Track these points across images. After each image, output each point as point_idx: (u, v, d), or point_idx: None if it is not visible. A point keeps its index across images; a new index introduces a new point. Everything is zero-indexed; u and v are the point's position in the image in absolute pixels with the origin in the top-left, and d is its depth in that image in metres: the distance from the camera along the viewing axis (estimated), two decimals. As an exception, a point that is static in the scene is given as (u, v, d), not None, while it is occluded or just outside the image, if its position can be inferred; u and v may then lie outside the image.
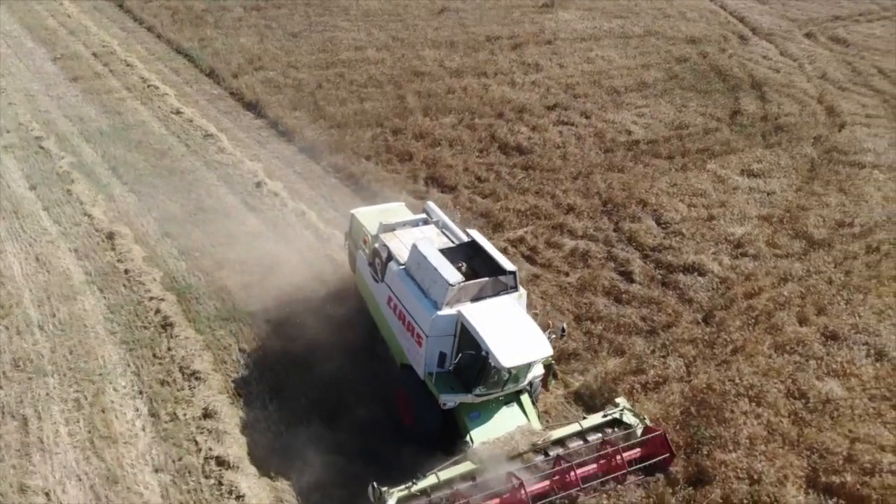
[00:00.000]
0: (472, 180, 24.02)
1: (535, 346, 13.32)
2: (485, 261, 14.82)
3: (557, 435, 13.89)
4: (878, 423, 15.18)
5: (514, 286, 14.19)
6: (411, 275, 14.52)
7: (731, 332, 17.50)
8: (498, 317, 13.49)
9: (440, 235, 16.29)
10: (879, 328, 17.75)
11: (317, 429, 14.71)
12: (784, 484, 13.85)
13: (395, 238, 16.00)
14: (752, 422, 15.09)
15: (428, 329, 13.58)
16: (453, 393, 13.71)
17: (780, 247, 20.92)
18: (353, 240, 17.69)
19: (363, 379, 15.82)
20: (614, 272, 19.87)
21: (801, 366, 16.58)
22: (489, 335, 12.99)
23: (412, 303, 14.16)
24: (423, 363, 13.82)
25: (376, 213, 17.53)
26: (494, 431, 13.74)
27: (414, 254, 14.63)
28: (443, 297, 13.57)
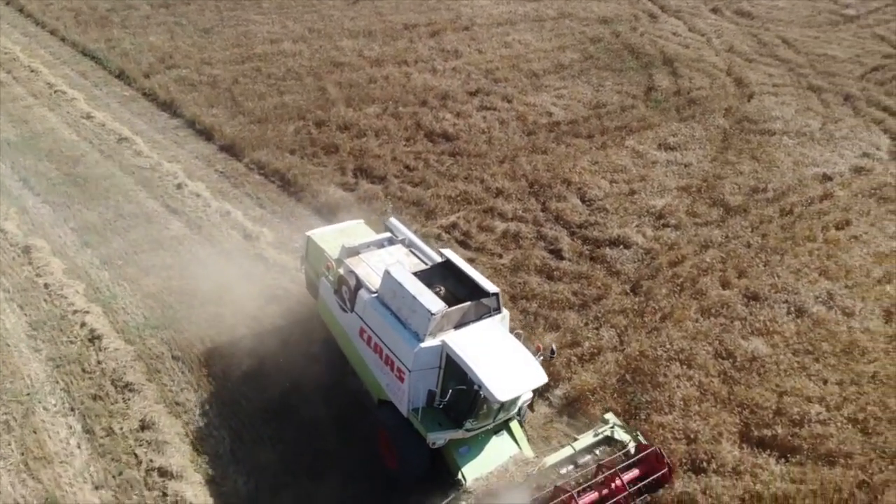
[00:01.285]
0: (401, 169, 24.00)
1: (528, 375, 12.43)
2: (462, 282, 13.79)
3: (552, 461, 13.00)
4: (802, 377, 16.07)
5: (497, 308, 13.34)
6: (385, 303, 13.36)
7: (659, 299, 18.16)
8: (486, 344, 12.61)
9: (409, 256, 15.26)
10: (797, 286, 18.73)
11: (266, 429, 14.54)
12: (719, 441, 14.55)
13: (362, 262, 14.82)
14: (685, 384, 15.77)
15: (411, 364, 12.51)
16: (442, 430, 12.66)
17: (700, 215, 21.76)
18: (312, 264, 16.33)
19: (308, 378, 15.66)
20: (545, 251, 20.27)
21: (727, 327, 17.36)
22: (479, 367, 12.03)
23: (390, 335, 13.06)
24: (407, 399, 12.78)
25: (335, 235, 16.36)
26: (487, 465, 12.85)
27: (387, 281, 13.45)
28: (425, 327, 12.49)
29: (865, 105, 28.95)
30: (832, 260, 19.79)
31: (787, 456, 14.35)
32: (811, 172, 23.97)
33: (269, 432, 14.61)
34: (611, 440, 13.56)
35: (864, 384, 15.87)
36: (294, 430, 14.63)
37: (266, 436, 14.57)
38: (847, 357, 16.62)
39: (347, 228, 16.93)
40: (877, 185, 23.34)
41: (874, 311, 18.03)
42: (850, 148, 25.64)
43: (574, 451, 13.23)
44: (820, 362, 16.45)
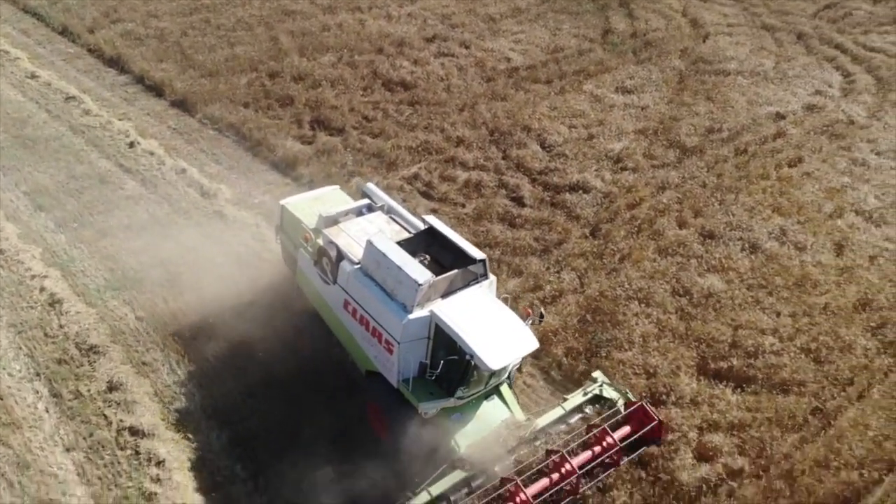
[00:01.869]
0: (360, 120, 23.73)
1: (519, 341, 12.38)
2: (447, 249, 13.54)
3: (543, 423, 12.99)
4: (756, 310, 16.67)
5: (484, 274, 13.16)
6: (370, 275, 13.06)
7: (618, 241, 18.52)
8: (475, 312, 12.45)
9: (390, 223, 14.84)
10: (751, 223, 19.24)
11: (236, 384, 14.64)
12: (677, 374, 15.11)
13: (342, 232, 14.38)
14: (644, 321, 16.26)
15: (399, 336, 12.34)
16: (434, 399, 12.54)
17: (657, 157, 22.05)
18: (288, 235, 15.75)
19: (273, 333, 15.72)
20: (506, 199, 20.40)
21: (684, 265, 17.84)
22: (470, 336, 11.92)
23: (376, 307, 12.81)
24: (397, 371, 12.62)
25: (310, 203, 15.84)
26: (479, 431, 12.76)
27: (370, 251, 13.09)
28: (412, 298, 12.27)
29: (818, 43, 29.31)
30: (785, 197, 20.32)
31: (743, 386, 14.98)
32: (765, 111, 24.35)
33: (239, 388, 14.71)
34: (600, 398, 13.59)
35: (816, 315, 16.53)
36: (265, 385, 14.74)
37: (237, 391, 14.67)
38: (799, 290, 17.24)
39: (323, 195, 16.32)
40: (828, 122, 23.84)
41: (825, 245, 18.66)
42: (803, 86, 26.04)
43: (564, 412, 13.24)
44: (773, 296, 17.05)
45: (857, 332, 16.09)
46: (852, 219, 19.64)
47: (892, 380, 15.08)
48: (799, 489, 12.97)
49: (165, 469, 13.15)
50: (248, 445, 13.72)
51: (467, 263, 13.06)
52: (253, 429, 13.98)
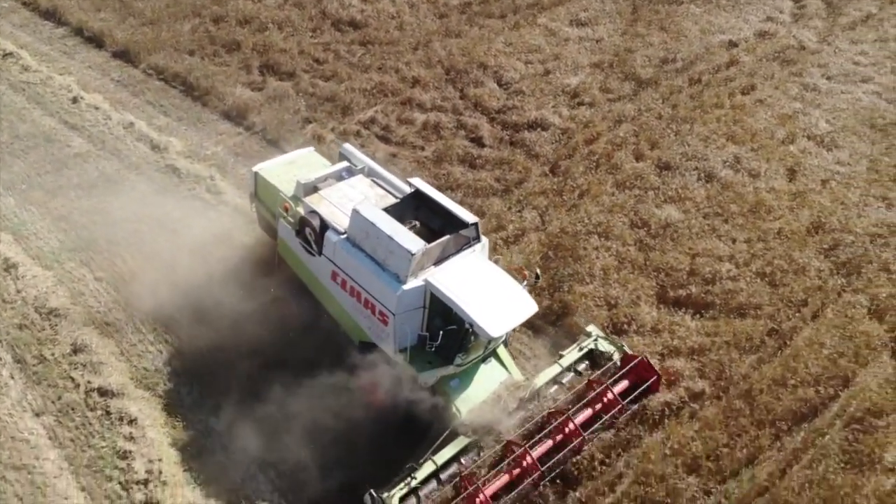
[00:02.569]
0: (311, 63, 23.14)
1: (518, 306, 12.18)
2: (436, 213, 13.23)
3: (541, 382, 12.98)
4: (713, 238, 17.05)
5: (476, 237, 12.90)
6: (358, 245, 12.68)
7: (577, 177, 18.65)
8: (471, 278, 12.20)
9: (373, 187, 14.26)
10: (706, 153, 19.49)
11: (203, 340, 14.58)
12: (638, 304, 15.50)
13: (323, 200, 13.81)
14: (604, 255, 16.55)
15: (394, 307, 12.06)
16: (432, 368, 12.37)
17: (613, 91, 22.03)
18: (264, 203, 15.19)
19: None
20: (466, 140, 20.27)
21: (641, 198, 18.08)
22: (468, 304, 11.69)
23: (368, 278, 12.47)
24: (393, 342, 12.35)
25: (284, 167, 15.20)
26: (479, 395, 12.68)
27: (357, 221, 12.66)
28: (405, 268, 11.95)
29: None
30: (738, 125, 20.57)
31: (702, 312, 15.43)
32: (717, 40, 24.36)
33: (206, 343, 14.64)
34: (595, 352, 13.66)
35: (771, 240, 16.99)
36: (233, 338, 14.63)
37: (204, 346, 14.61)
38: (754, 216, 17.66)
39: (297, 159, 15.66)
40: (780, 49, 23.98)
41: (778, 171, 19.04)
42: (755, 13, 26.01)
43: (561, 369, 13.29)
44: (729, 223, 17.44)
45: (811, 255, 16.60)
46: (804, 144, 20.01)
47: (844, 299, 15.68)
48: (758, 408, 13.56)
49: (138, 427, 13.18)
50: (220, 399, 13.76)
51: (459, 227, 12.75)
52: (224, 382, 13.98)
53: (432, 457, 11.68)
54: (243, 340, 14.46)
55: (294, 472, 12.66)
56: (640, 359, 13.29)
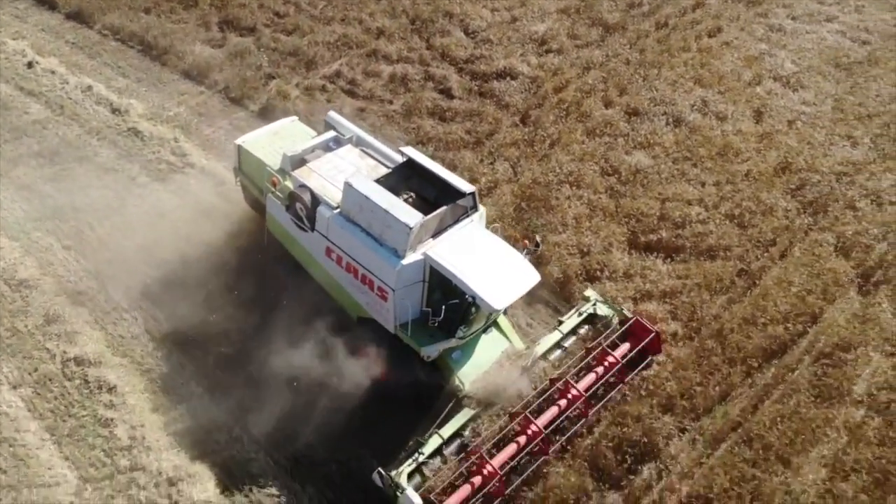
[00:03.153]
0: (271, 17, 22.54)
1: (520, 277, 11.94)
2: (430, 182, 12.83)
3: (543, 349, 12.96)
4: (682, 182, 17.21)
5: (473, 206, 12.57)
6: (353, 220, 12.28)
7: (547, 127, 18.59)
8: (470, 250, 11.95)
9: (363, 157, 13.82)
10: (674, 97, 19.52)
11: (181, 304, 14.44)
12: (610, 251, 15.68)
13: (313, 173, 13.36)
14: (576, 203, 16.65)
15: (393, 282, 11.78)
16: (434, 342, 12.14)
17: (580, 37, 21.83)
18: (249, 177, 14.67)
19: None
20: (434, 91, 20.03)
21: (611, 145, 18.13)
22: (470, 277, 11.46)
23: (365, 253, 12.13)
24: (393, 317, 12.16)
25: (268, 139, 14.67)
26: (481, 365, 12.60)
27: (351, 194, 12.21)
28: (404, 242, 11.63)
29: None
30: (705, 68, 20.57)
31: (672, 256, 15.68)
32: (684, -19, 24.17)
33: (184, 306, 14.51)
34: (595, 317, 13.61)
35: (739, 182, 17.21)
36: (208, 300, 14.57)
37: (181, 310, 14.49)
38: (722, 159, 17.83)
39: (281, 129, 15.12)
40: (745, -11, 23.89)
41: (745, 113, 19.16)
42: (719, -48, 25.80)
43: (562, 335, 13.23)
44: (698, 167, 17.60)
45: (778, 195, 16.87)
46: (770, 85, 20.12)
47: (811, 238, 16.01)
48: (729, 346, 13.92)
49: (118, 394, 13.16)
50: (201, 361, 13.76)
51: (455, 197, 12.37)
52: (203, 344, 13.96)
53: (438, 430, 11.61)
54: (220, 303, 14.40)
55: (277, 432, 12.77)
56: (634, 319, 13.25)
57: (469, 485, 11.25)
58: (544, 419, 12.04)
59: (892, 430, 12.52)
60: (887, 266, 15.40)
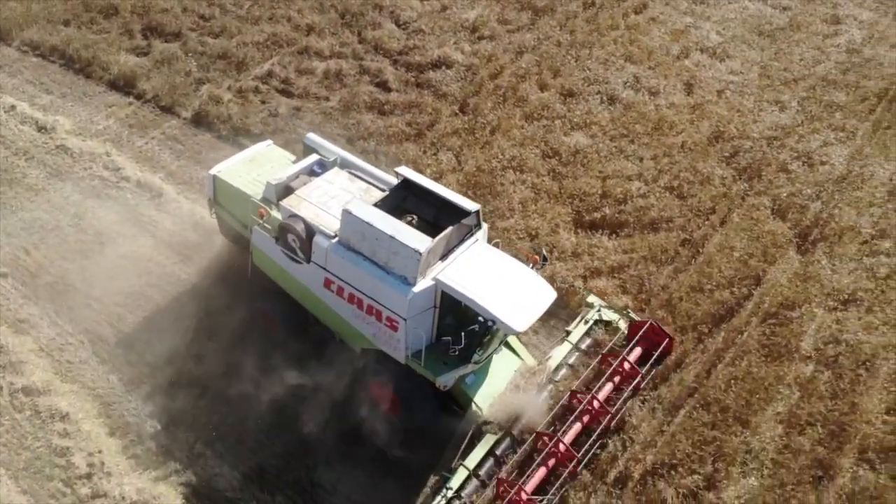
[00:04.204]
0: (196, 21, 21.95)
1: (538, 295, 11.54)
2: (430, 202, 12.33)
3: (555, 363, 12.66)
4: (621, 159, 17.55)
5: (477, 224, 12.13)
6: (354, 248, 11.63)
7: (486, 114, 18.68)
8: (482, 271, 11.49)
9: (353, 180, 13.16)
10: (607, 76, 19.85)
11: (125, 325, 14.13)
12: (557, 232, 15.90)
13: (303, 201, 12.61)
14: (521, 188, 16.82)
15: (405, 312, 11.25)
16: (450, 369, 11.59)
17: (511, 22, 21.95)
18: (228, 209, 13.75)
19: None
20: (371, 85, 19.87)
21: (550, 127, 18.34)
22: (487, 300, 11.00)
23: (370, 283, 11.51)
24: (405, 347, 11.62)
25: (245, 167, 13.72)
26: (496, 387, 12.16)
27: (350, 222, 11.55)
28: (413, 269, 11.07)
29: None
30: (634, 45, 20.97)
31: (617, 232, 16.00)
32: (607, -41, 24.50)
33: (129, 326, 14.20)
34: (601, 322, 13.38)
35: (675, 154, 17.65)
36: (156, 316, 14.32)
37: (127, 330, 14.18)
38: (657, 133, 18.24)
39: (257, 155, 14.14)
40: (666, -37, 24.35)
41: (676, 87, 19.63)
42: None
43: (572, 346, 12.99)
44: (634, 143, 17.97)
45: (714, 164, 17.38)
46: (698, 57, 20.64)
47: (749, 202, 16.56)
48: (679, 315, 14.32)
49: (71, 422, 12.74)
50: (153, 381, 13.45)
51: (458, 216, 11.88)
52: (154, 364, 13.65)
53: (462, 462, 11.19)
54: (166, 318, 14.15)
55: (239, 444, 12.63)
56: (650, 323, 13.07)
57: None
58: (570, 437, 11.69)
59: (842, 382, 13.12)
60: (822, 224, 16.08)
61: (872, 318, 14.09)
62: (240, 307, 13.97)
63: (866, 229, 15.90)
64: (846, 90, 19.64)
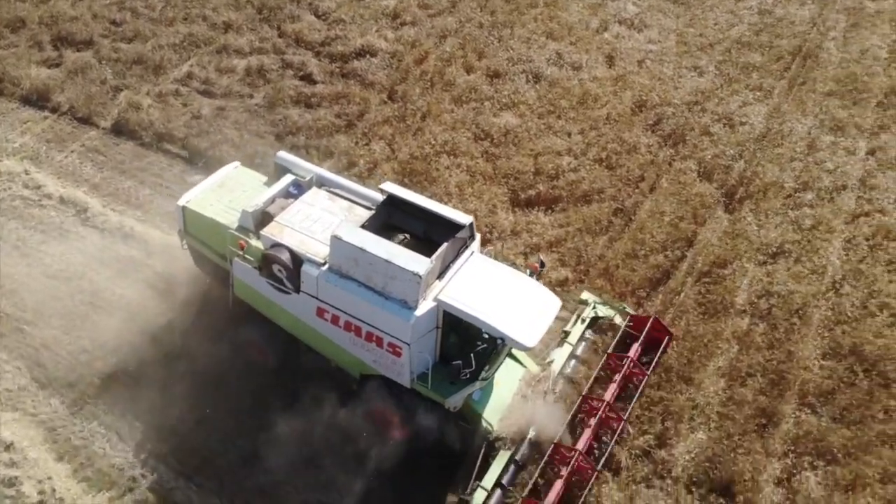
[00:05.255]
0: (108, 27, 21.20)
1: (543, 306, 11.24)
2: (417, 217, 11.86)
3: (558, 366, 12.33)
4: (550, 136, 17.81)
5: (471, 235, 11.70)
6: (347, 275, 11.13)
7: (415, 100, 18.67)
8: (484, 287, 11.11)
9: (334, 200, 12.54)
10: (530, 54, 20.06)
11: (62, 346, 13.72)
12: (495, 212, 16.07)
13: (284, 228, 11.91)
14: (455, 172, 16.91)
15: (409, 337, 10.87)
16: (458, 389, 11.19)
17: (431, 6, 21.92)
18: (201, 240, 13.04)
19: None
20: (295, 79, 19.59)
21: (479, 110, 18.46)
22: (493, 317, 10.69)
23: (367, 309, 11.09)
24: (409, 372, 11.28)
25: (216, 194, 12.98)
26: (503, 399, 11.79)
27: (341, 248, 11.02)
28: (414, 292, 10.66)
29: None
30: (554, 21, 21.24)
31: (552, 207, 16.28)
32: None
33: (67, 349, 13.76)
34: (598, 319, 13.13)
35: (601, 127, 18.00)
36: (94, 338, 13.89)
37: (65, 352, 13.74)
38: (583, 107, 18.56)
39: (226, 180, 13.32)
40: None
41: (597, 60, 19.99)
42: None
43: (572, 346, 12.69)
44: (562, 118, 18.25)
45: (639, 133, 17.81)
46: (617, 29, 21.05)
47: (675, 167, 17.06)
48: (617, 282, 14.72)
49: (17, 450, 12.31)
50: (97, 401, 13.11)
51: (450, 229, 11.43)
52: (97, 385, 13.30)
53: (479, 483, 10.79)
54: (104, 335, 13.82)
55: (193, 455, 12.44)
56: (653, 318, 12.87)
57: None
58: (584, 443, 11.40)
59: (777, 332, 13.74)
60: (747, 182, 16.71)
61: (801, 268, 14.76)
62: (182, 319, 13.75)
63: (789, 183, 16.60)
64: (761, 51, 20.35)
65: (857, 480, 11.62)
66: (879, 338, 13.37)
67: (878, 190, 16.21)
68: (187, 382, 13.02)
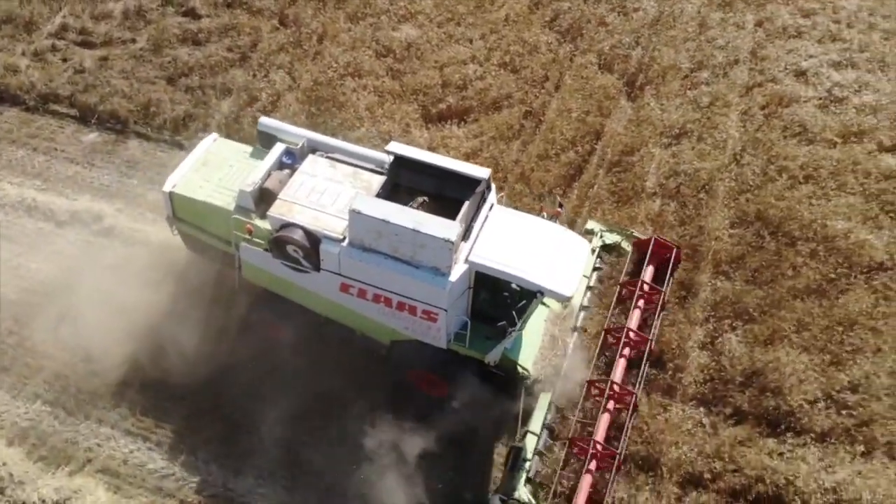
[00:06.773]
0: (-39, -16, 19.36)
1: (573, 250, 11.07)
2: (430, 174, 11.41)
3: (578, 300, 12.24)
4: (452, 45, 17.63)
5: (488, 187, 11.34)
6: (371, 248, 10.78)
7: (309, 23, 18.03)
8: (511, 240, 10.90)
9: (335, 166, 11.87)
10: (418, -42, 19.46)
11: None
12: (409, 131, 16.01)
13: (293, 206, 11.27)
14: (363, 94, 16.67)
15: (445, 303, 10.67)
16: (495, 344, 11.18)
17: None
18: (196, 224, 12.33)
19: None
20: (178, 16, 18.46)
21: (377, 25, 18.01)
22: (528, 270, 10.50)
23: (398, 280, 10.80)
24: (445, 335, 11.21)
25: (201, 174, 12.14)
26: (534, 344, 11.72)
27: (362, 222, 10.57)
28: (446, 258, 10.39)
29: None
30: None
31: (464, 118, 16.33)
32: None
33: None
34: (606, 247, 13.11)
35: (502, 29, 17.93)
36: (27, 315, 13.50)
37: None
38: (481, 11, 18.38)
39: (208, 157, 12.43)
40: None
41: (488, -42, 19.58)
42: None
43: (587, 278, 12.57)
44: (461, 25, 18.05)
45: (538, 32, 17.86)
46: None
47: (577, 62, 17.31)
48: (534, 184, 15.15)
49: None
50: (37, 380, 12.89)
51: (467, 185, 11.12)
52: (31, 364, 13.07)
53: (527, 428, 10.94)
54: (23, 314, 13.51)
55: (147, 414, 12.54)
56: (654, 238, 12.87)
57: (588, 473, 10.77)
58: (619, 374, 11.65)
59: (687, 209, 14.61)
60: (646, 68, 17.18)
61: (703, 146, 15.52)
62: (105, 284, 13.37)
63: (685, 65, 17.15)
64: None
65: (775, 334, 12.71)
66: (781, 200, 14.31)
67: (768, 60, 16.94)
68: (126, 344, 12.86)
